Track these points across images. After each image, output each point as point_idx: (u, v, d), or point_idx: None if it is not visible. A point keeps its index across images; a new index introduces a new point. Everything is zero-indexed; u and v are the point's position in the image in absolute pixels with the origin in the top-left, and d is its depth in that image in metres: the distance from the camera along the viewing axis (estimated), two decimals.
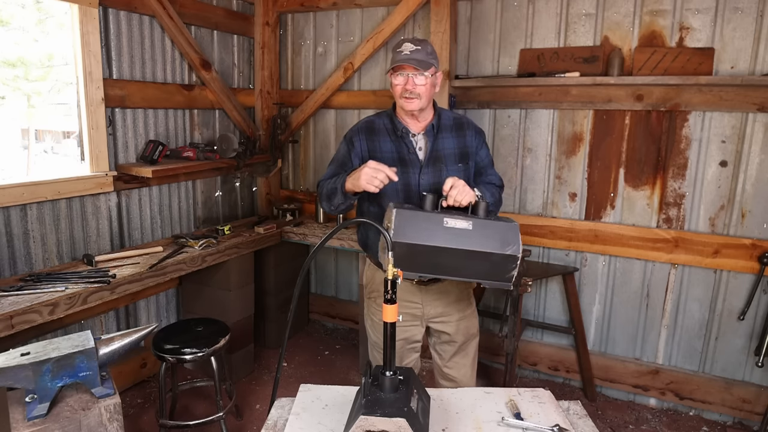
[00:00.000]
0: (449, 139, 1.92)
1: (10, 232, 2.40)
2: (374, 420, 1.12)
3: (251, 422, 2.79)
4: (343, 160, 1.97)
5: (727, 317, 2.81)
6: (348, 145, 1.95)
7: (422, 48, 1.80)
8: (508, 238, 1.52)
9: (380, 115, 2.00)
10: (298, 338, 3.83)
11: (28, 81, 5.76)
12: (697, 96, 2.70)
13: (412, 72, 1.79)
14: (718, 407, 2.88)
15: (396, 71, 1.81)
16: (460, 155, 1.92)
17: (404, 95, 1.81)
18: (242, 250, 3.09)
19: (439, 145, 1.89)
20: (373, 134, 1.92)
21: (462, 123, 1.98)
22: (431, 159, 1.88)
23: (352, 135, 1.96)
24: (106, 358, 1.71)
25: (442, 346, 2.07)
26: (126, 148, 2.90)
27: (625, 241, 2.94)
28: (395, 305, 1.26)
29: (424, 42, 1.83)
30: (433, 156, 1.88)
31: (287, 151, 3.95)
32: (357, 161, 1.91)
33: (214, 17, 3.35)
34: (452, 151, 1.91)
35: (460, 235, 1.50)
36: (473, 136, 1.97)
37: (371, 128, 1.94)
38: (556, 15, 2.94)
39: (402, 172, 1.84)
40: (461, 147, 1.93)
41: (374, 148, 1.91)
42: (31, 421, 1.54)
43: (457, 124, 1.96)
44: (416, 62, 1.77)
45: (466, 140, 1.95)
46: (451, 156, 1.90)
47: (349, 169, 1.93)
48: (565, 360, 3.20)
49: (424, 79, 1.80)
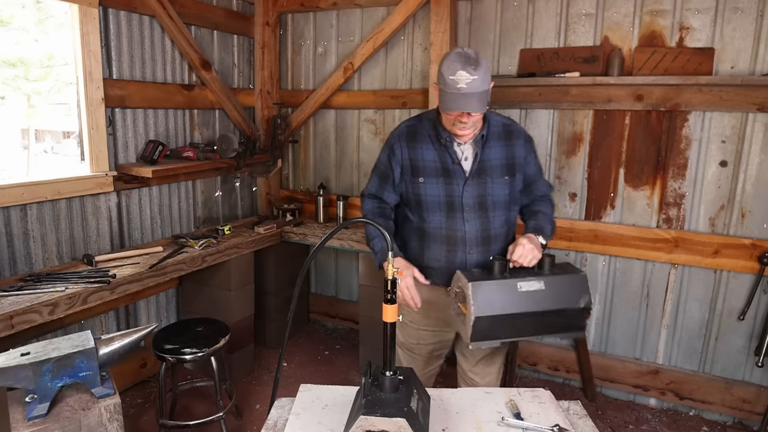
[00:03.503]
0: (497, 148, 1.80)
1: (10, 232, 2.40)
2: (374, 420, 1.12)
3: (251, 422, 2.79)
4: (384, 170, 1.89)
5: (727, 317, 2.81)
6: (389, 153, 1.87)
7: (478, 75, 1.56)
8: (580, 291, 1.56)
9: (422, 118, 1.87)
10: (298, 338, 3.83)
11: (28, 81, 5.76)
12: (697, 96, 2.70)
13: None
14: (718, 407, 2.88)
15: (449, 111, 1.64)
16: (507, 167, 1.81)
17: (457, 126, 1.69)
18: (242, 250, 3.09)
19: (486, 156, 1.78)
20: (414, 140, 1.82)
21: (511, 131, 1.84)
22: (477, 171, 1.77)
23: (392, 141, 1.87)
24: (106, 358, 1.71)
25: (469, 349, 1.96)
26: (126, 148, 2.90)
27: (625, 241, 2.94)
28: (395, 305, 1.26)
29: (478, 63, 1.57)
30: (479, 167, 1.77)
31: (287, 151, 3.95)
32: (398, 170, 1.86)
33: (214, 17, 3.35)
34: (499, 162, 1.80)
35: (534, 297, 1.55)
36: (522, 145, 1.84)
37: (412, 134, 1.83)
38: (556, 15, 2.94)
39: (445, 183, 1.77)
40: (509, 158, 1.81)
41: (415, 156, 1.81)
42: (31, 421, 1.54)
43: (506, 132, 1.83)
44: (477, 103, 1.58)
45: (515, 150, 1.82)
46: (497, 168, 1.79)
47: (390, 180, 1.87)
48: (565, 360, 3.20)
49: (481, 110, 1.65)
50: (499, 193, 1.80)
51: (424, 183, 1.80)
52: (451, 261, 1.82)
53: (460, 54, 1.60)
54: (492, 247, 1.82)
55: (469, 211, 1.78)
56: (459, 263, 1.81)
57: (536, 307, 1.54)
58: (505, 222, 1.86)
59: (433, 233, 1.83)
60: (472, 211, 1.78)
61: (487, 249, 1.81)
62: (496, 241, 1.83)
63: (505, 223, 1.85)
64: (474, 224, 1.79)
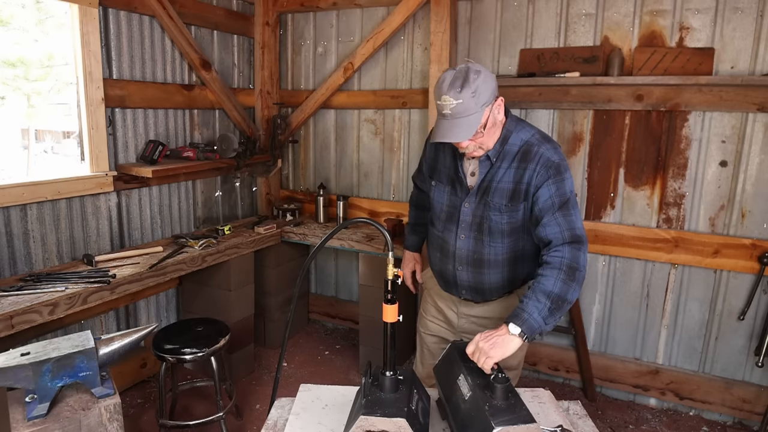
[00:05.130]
0: (507, 170, 1.62)
1: (10, 232, 2.40)
2: (374, 420, 1.12)
3: (251, 422, 2.79)
4: (420, 160, 2.00)
5: (727, 317, 2.81)
6: (423, 149, 1.95)
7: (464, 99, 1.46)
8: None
9: None
10: (298, 338, 3.83)
11: (28, 81, 5.76)
12: (697, 96, 2.70)
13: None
14: (718, 407, 2.88)
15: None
16: (513, 192, 1.61)
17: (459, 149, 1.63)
18: (242, 250, 3.09)
19: (493, 176, 1.64)
20: (442, 144, 1.76)
21: (530, 152, 1.60)
22: (479, 189, 1.66)
23: (428, 139, 1.90)
24: (106, 358, 1.71)
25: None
26: (126, 148, 2.90)
27: (625, 241, 2.94)
28: (395, 305, 1.26)
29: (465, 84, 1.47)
30: (483, 187, 1.65)
31: (287, 151, 3.95)
32: (425, 166, 1.92)
33: (214, 17, 3.35)
34: (506, 186, 1.62)
35: (458, 393, 1.29)
36: (535, 170, 1.57)
37: None
38: (556, 15, 2.94)
39: (451, 193, 1.75)
40: (517, 182, 1.60)
41: (436, 159, 1.81)
42: (31, 421, 1.54)
43: (523, 152, 1.61)
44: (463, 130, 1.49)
45: (525, 174, 1.58)
46: (502, 191, 1.62)
47: (422, 170, 1.97)
48: (565, 360, 3.20)
49: (476, 136, 1.55)
50: (496, 219, 1.64)
51: (435, 186, 1.81)
52: (443, 270, 1.82)
53: (450, 73, 1.52)
54: (485, 270, 1.71)
55: (465, 229, 1.70)
56: (450, 275, 1.80)
57: (453, 408, 1.29)
58: (507, 250, 1.68)
59: (433, 237, 1.87)
60: (468, 229, 1.69)
61: (479, 271, 1.72)
62: (491, 266, 1.70)
63: (505, 251, 1.68)
64: (467, 243, 1.70)
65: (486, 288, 1.76)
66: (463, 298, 1.83)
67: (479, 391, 1.22)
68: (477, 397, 1.20)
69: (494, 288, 1.76)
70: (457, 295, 1.83)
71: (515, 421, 1.11)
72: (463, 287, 1.79)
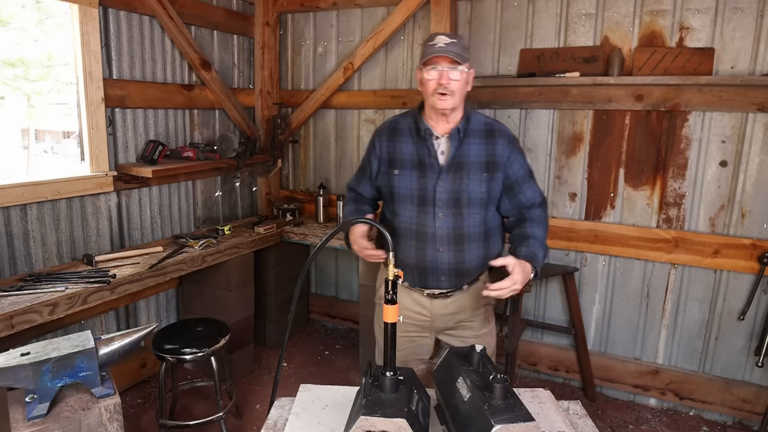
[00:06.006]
0: (476, 145, 1.76)
1: (10, 232, 2.40)
2: (374, 420, 1.12)
3: (251, 422, 2.79)
4: (363, 164, 1.94)
5: (727, 317, 2.81)
6: (370, 147, 1.91)
7: (458, 41, 1.69)
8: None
9: (406, 114, 1.90)
10: (298, 338, 3.83)
11: (28, 81, 5.77)
12: (697, 96, 2.70)
13: (448, 65, 1.66)
14: (718, 407, 2.88)
15: (428, 65, 1.68)
16: (486, 164, 1.76)
17: (438, 91, 1.68)
18: (242, 250, 3.09)
19: (463, 151, 1.75)
20: (395, 135, 1.84)
21: (493, 129, 1.81)
22: (452, 165, 1.74)
23: (374, 137, 1.90)
24: (106, 358, 1.71)
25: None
26: (126, 148, 2.90)
27: (625, 241, 2.94)
28: (396, 305, 1.26)
29: (459, 36, 1.73)
30: (455, 163, 1.74)
31: (287, 151, 3.95)
32: (376, 163, 1.88)
33: (214, 17, 3.35)
34: (478, 159, 1.76)
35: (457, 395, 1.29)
36: (504, 144, 1.78)
37: (395, 128, 1.86)
38: (556, 15, 2.94)
39: (419, 177, 1.76)
40: (489, 156, 1.77)
41: (394, 150, 1.83)
42: (31, 421, 1.54)
43: (487, 130, 1.80)
44: (453, 54, 1.64)
45: (496, 148, 1.77)
46: (476, 165, 1.75)
47: (367, 173, 1.92)
48: (565, 360, 3.20)
49: (460, 74, 1.68)
50: (475, 189, 1.75)
51: (399, 175, 1.81)
52: (421, 259, 1.79)
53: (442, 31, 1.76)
54: (465, 246, 1.77)
55: (441, 207, 1.75)
56: (430, 261, 1.77)
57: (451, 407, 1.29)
58: (482, 222, 1.79)
59: (403, 229, 1.81)
60: (445, 207, 1.75)
61: (459, 248, 1.77)
62: (471, 240, 1.77)
63: (481, 222, 1.79)
64: (446, 221, 1.75)
65: (466, 267, 1.78)
66: (439, 289, 1.81)
67: (478, 391, 1.22)
68: (476, 397, 1.21)
69: (474, 267, 1.80)
70: (434, 285, 1.80)
71: (514, 420, 1.12)
72: (443, 272, 1.78)
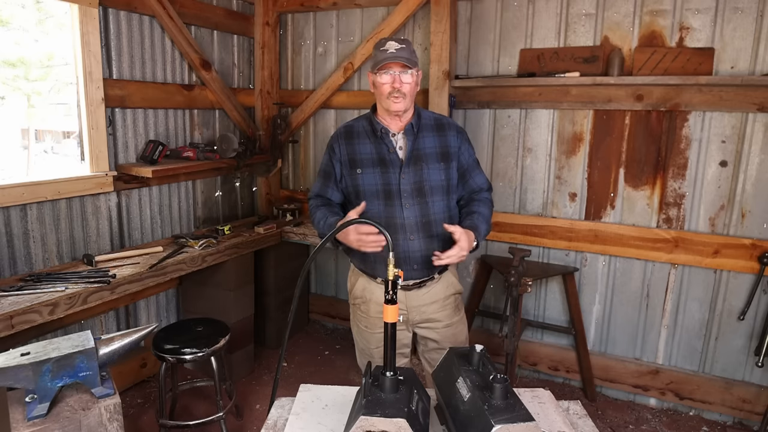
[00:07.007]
0: (430, 138, 1.91)
1: (10, 232, 2.40)
2: (374, 420, 1.12)
3: (251, 422, 2.79)
4: (326, 169, 1.99)
5: (727, 317, 2.81)
6: (329, 153, 1.98)
7: (407, 47, 1.81)
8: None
9: (359, 118, 2.00)
10: (298, 338, 3.83)
11: (28, 81, 5.76)
12: (697, 96, 2.70)
13: (399, 70, 1.78)
14: (718, 407, 2.88)
15: (381, 70, 1.80)
16: (441, 155, 1.91)
17: (393, 95, 1.80)
18: (242, 250, 3.09)
19: (419, 144, 1.88)
20: (352, 138, 1.93)
21: (443, 123, 1.97)
22: (412, 158, 1.86)
23: (332, 142, 1.98)
24: (106, 358, 1.71)
25: (430, 354, 2.05)
26: (126, 148, 2.89)
27: (625, 241, 2.94)
28: (396, 305, 1.26)
29: (407, 41, 1.84)
30: (414, 155, 1.87)
31: (287, 151, 3.95)
32: (338, 167, 1.94)
33: (214, 17, 3.35)
34: (433, 151, 1.90)
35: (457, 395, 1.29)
36: (455, 135, 1.95)
37: (350, 132, 1.95)
38: (556, 15, 2.94)
39: (382, 172, 1.86)
40: (442, 146, 1.92)
41: (353, 152, 1.91)
42: (31, 421, 1.54)
43: (437, 124, 1.96)
44: (405, 59, 1.77)
45: (448, 140, 1.93)
46: (432, 155, 1.89)
47: (332, 178, 1.97)
48: (565, 360, 3.20)
49: (411, 77, 1.81)
50: (435, 178, 1.87)
51: (362, 174, 1.88)
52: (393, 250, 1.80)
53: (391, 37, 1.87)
54: (433, 231, 1.86)
55: (407, 198, 1.84)
56: (401, 251, 1.84)
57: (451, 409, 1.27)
58: (446, 208, 1.90)
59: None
60: (410, 197, 1.85)
61: (428, 235, 1.86)
62: (438, 226, 1.85)
63: (445, 209, 1.90)
64: (413, 210, 1.85)
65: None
66: (413, 279, 1.88)
67: (478, 391, 1.23)
68: (476, 397, 1.21)
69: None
70: (408, 275, 1.87)
71: (514, 420, 1.12)
72: (415, 260, 1.85)
